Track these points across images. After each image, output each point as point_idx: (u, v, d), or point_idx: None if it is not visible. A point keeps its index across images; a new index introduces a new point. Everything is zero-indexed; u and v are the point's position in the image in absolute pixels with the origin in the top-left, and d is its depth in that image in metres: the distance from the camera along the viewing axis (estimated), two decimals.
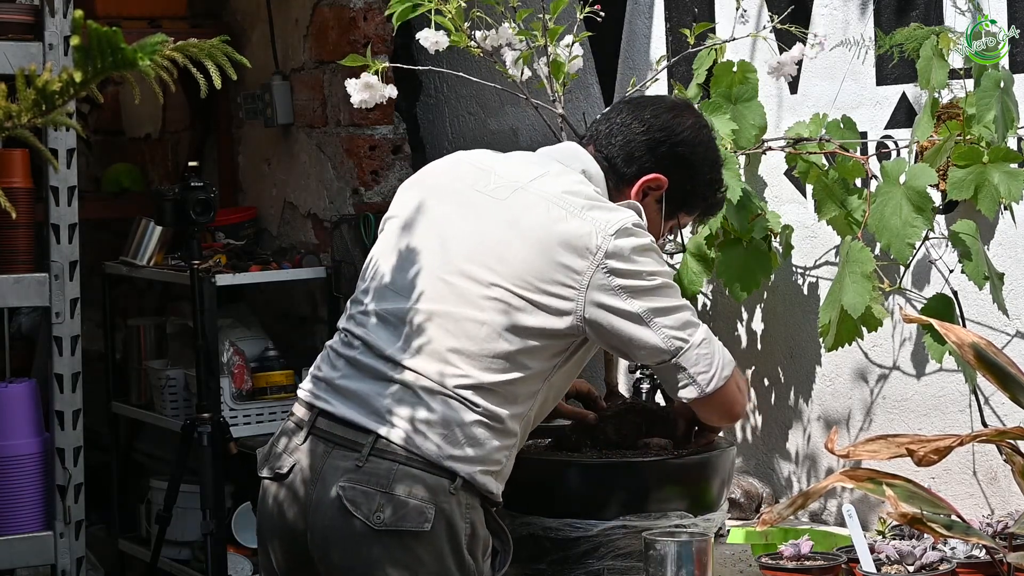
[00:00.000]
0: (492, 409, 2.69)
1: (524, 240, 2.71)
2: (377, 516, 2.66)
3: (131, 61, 1.92)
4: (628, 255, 2.69)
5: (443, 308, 2.72)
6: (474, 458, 2.68)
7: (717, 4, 3.68)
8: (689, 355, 2.74)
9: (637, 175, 2.86)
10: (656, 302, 2.72)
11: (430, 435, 2.67)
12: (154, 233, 5.09)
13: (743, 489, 3.46)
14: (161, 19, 5.30)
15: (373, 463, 2.67)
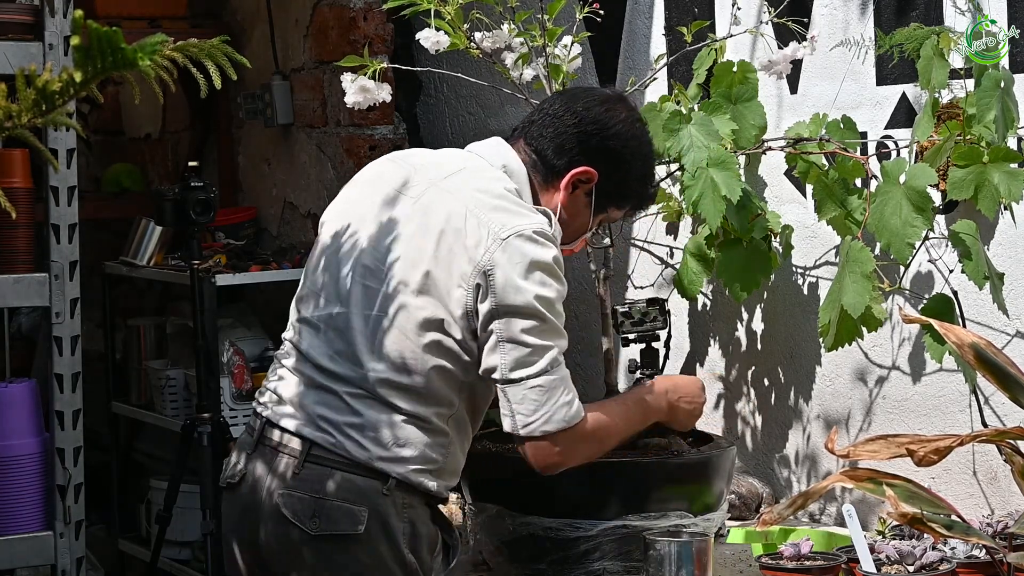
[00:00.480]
0: (415, 409, 2.73)
1: (427, 239, 2.74)
2: (313, 522, 2.71)
3: (131, 61, 1.92)
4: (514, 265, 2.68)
5: (358, 311, 2.76)
6: (405, 458, 2.73)
7: (717, 4, 3.68)
8: (515, 391, 2.72)
9: (567, 167, 2.84)
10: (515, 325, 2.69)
11: (359, 439, 2.72)
12: (154, 233, 5.09)
13: (743, 489, 3.46)
14: (161, 19, 5.30)
15: (308, 470, 2.73)
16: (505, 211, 2.74)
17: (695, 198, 3.24)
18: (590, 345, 4.13)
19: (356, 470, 2.72)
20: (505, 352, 2.70)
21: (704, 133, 3.27)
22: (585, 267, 3.29)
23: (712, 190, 3.22)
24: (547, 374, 2.71)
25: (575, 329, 4.21)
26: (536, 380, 2.70)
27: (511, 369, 2.70)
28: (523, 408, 2.72)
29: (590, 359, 4.14)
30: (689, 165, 3.25)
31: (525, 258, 2.68)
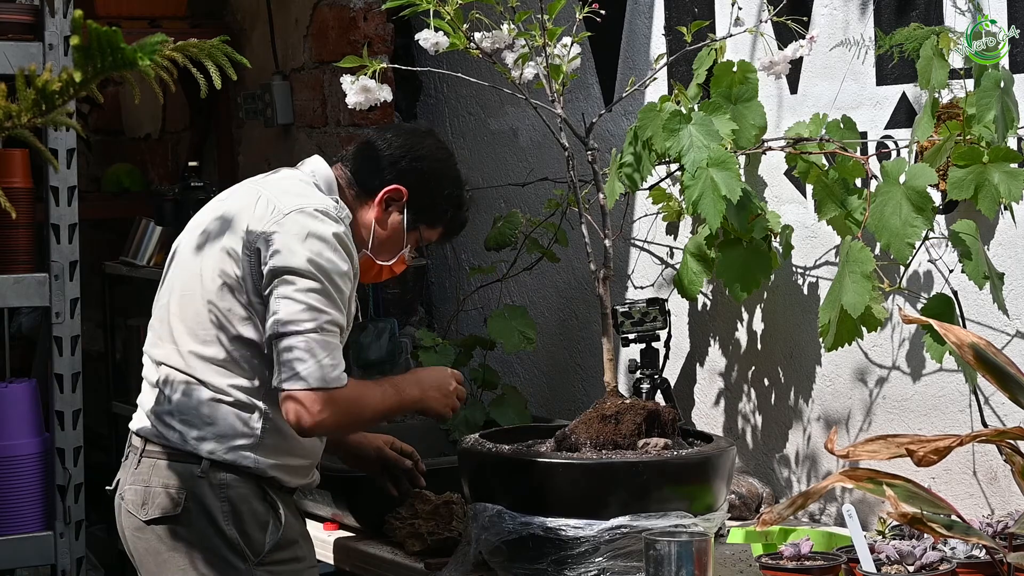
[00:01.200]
0: (220, 383, 2.99)
1: (223, 221, 3.04)
2: (144, 510, 3.04)
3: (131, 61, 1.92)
4: (292, 234, 2.94)
5: (173, 296, 3.08)
6: (216, 436, 3.00)
7: (717, 4, 3.67)
8: (283, 343, 2.91)
9: (380, 187, 3.14)
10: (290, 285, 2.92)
11: (174, 424, 3.02)
12: (154, 233, 5.09)
13: (743, 489, 3.46)
14: (161, 19, 5.30)
15: (143, 463, 3.06)
16: (294, 194, 3.04)
17: (695, 198, 3.24)
18: (590, 345, 4.13)
19: (173, 456, 3.02)
20: (278, 308, 2.92)
21: (704, 133, 3.27)
22: (585, 267, 3.29)
23: (712, 190, 3.22)
24: (315, 333, 2.90)
25: (575, 329, 4.22)
26: (303, 337, 2.90)
27: (282, 324, 2.91)
28: (287, 363, 2.90)
29: (590, 359, 4.14)
30: (689, 165, 3.25)
31: (303, 228, 2.95)
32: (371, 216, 3.14)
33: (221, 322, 2.99)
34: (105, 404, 5.45)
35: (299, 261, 2.93)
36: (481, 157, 4.51)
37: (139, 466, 3.07)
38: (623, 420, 3.06)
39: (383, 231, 3.15)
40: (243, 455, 3.00)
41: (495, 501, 3.00)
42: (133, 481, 3.07)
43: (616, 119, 3.97)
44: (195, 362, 3.01)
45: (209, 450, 3.00)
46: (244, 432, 3.00)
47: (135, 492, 3.06)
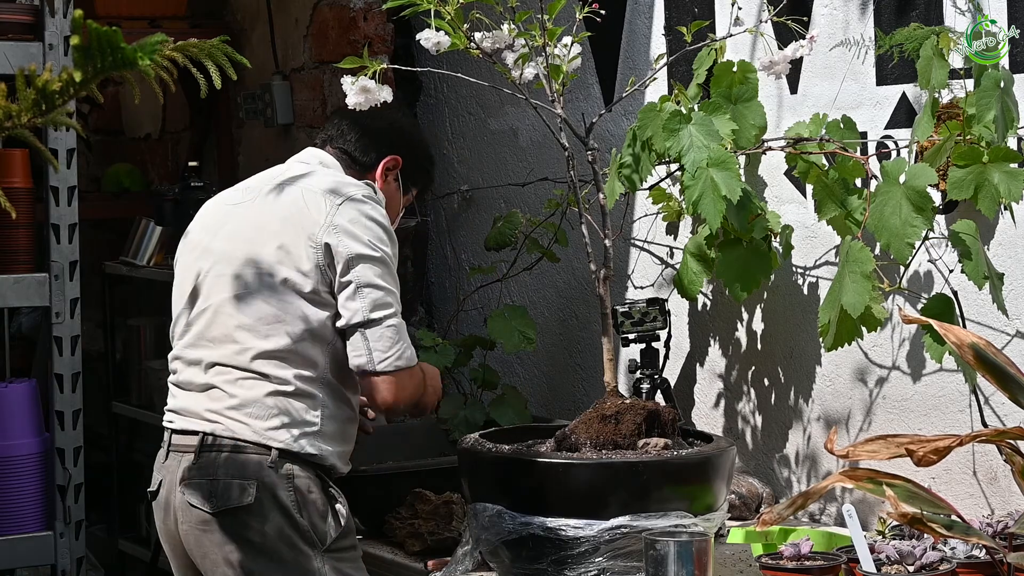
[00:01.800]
0: (282, 374, 3.07)
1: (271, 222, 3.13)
2: (211, 501, 3.05)
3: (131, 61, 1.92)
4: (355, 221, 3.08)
5: (218, 298, 3.14)
6: (283, 426, 3.07)
7: (717, 4, 3.67)
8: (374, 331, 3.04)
9: (377, 160, 3.30)
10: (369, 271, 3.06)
11: (240, 418, 3.07)
12: (154, 233, 5.09)
13: (743, 489, 3.46)
14: (161, 19, 5.30)
15: (204, 458, 3.08)
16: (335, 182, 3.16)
17: (695, 198, 3.24)
18: (590, 345, 4.13)
19: (243, 449, 3.06)
20: (364, 296, 3.05)
21: (704, 133, 3.27)
22: (585, 267, 3.29)
23: (712, 190, 3.22)
24: (399, 316, 3.09)
25: (575, 329, 4.22)
26: (392, 320, 3.07)
27: (371, 310, 3.05)
28: (380, 345, 3.05)
29: (590, 359, 4.14)
30: (689, 165, 3.25)
31: (363, 215, 3.09)
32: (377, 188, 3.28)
33: (284, 317, 3.07)
34: (105, 404, 5.45)
35: (371, 249, 3.07)
36: (481, 157, 4.51)
37: (198, 460, 3.08)
38: (623, 420, 3.06)
39: (387, 199, 3.27)
40: (311, 442, 3.08)
41: (495, 501, 3.00)
42: (194, 476, 3.08)
43: (616, 119, 3.97)
44: (258, 358, 3.08)
45: (280, 440, 3.06)
46: (308, 421, 3.09)
47: (200, 486, 3.07)
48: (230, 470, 3.05)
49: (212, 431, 3.08)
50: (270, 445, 3.05)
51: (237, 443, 3.06)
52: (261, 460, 3.05)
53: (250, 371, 3.08)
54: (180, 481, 3.08)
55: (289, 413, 3.07)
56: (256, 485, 3.03)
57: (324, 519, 3.07)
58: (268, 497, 3.04)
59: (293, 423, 3.07)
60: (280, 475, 3.05)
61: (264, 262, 3.10)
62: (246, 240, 3.14)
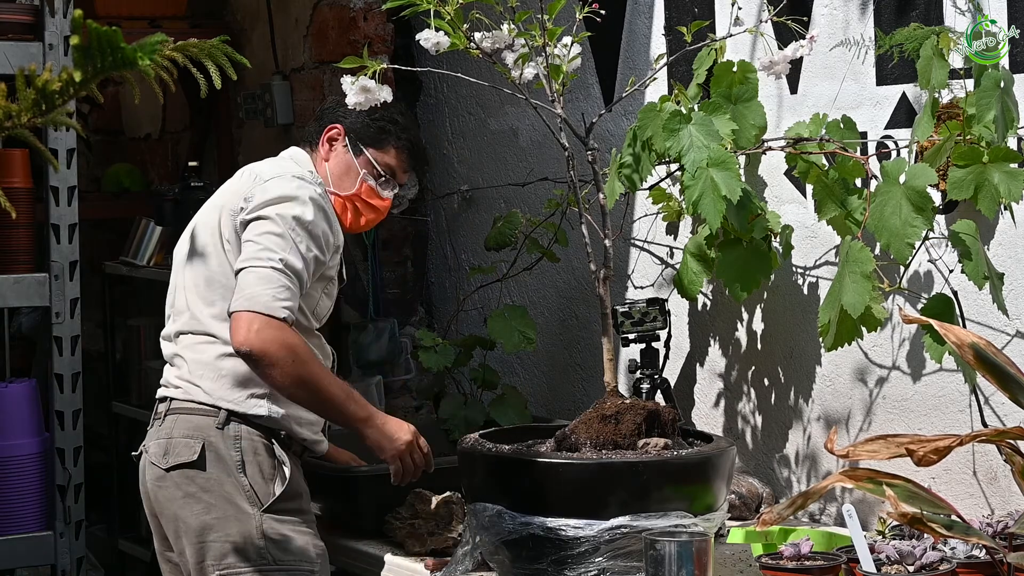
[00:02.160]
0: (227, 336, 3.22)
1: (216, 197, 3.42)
2: (165, 459, 3.28)
3: (131, 61, 1.92)
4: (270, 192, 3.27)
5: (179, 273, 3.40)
6: (233, 387, 3.27)
7: (717, 4, 3.67)
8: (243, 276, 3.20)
9: (319, 135, 3.49)
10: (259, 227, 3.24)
11: (198, 382, 3.29)
12: (154, 233, 5.09)
13: (743, 489, 3.46)
14: (161, 19, 5.30)
15: (166, 421, 3.33)
16: (275, 166, 3.41)
17: (695, 198, 3.24)
18: (590, 345, 4.13)
19: (195, 410, 3.29)
20: (246, 247, 3.24)
21: (704, 133, 3.27)
22: (585, 267, 3.29)
23: (712, 190, 3.22)
24: (273, 270, 3.19)
25: (575, 329, 4.22)
26: (260, 270, 3.19)
27: (245, 260, 3.22)
28: (240, 290, 3.19)
29: (590, 359, 4.14)
30: (689, 165, 3.25)
31: (282, 189, 3.29)
32: (322, 162, 3.48)
33: (222, 280, 3.29)
34: (105, 404, 5.45)
35: (267, 211, 3.25)
36: (481, 157, 4.51)
37: (163, 423, 3.32)
38: (623, 420, 3.06)
39: (334, 164, 3.47)
40: (257, 403, 3.27)
41: (495, 501, 3.00)
42: (157, 436, 3.32)
43: (616, 119, 3.97)
44: (207, 320, 3.30)
45: (229, 400, 3.27)
46: (256, 382, 3.24)
47: (158, 445, 3.30)
48: (183, 430, 3.28)
49: (174, 395, 3.33)
50: (219, 406, 3.26)
51: (193, 405, 3.29)
52: (210, 420, 3.27)
53: (203, 333, 3.31)
54: (148, 441, 3.34)
55: (238, 373, 3.26)
56: (202, 443, 3.25)
57: (270, 481, 3.26)
58: (212, 455, 3.25)
59: (242, 383, 3.27)
60: (226, 435, 3.26)
61: (206, 232, 3.35)
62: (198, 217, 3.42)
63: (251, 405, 3.28)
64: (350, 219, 3.48)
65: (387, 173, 3.50)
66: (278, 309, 3.17)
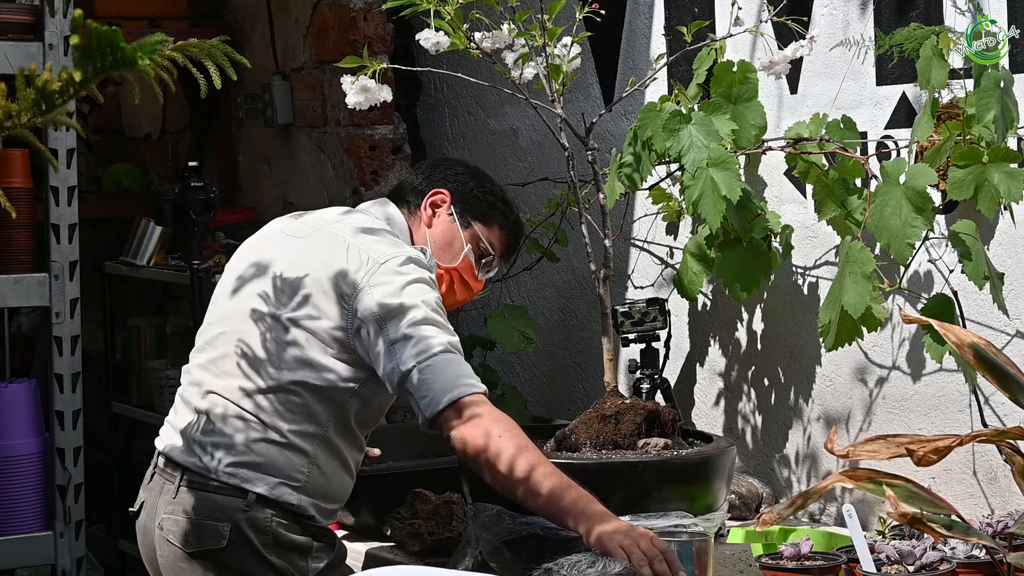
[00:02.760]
0: (275, 423, 2.97)
1: (309, 265, 3.00)
2: (185, 540, 2.99)
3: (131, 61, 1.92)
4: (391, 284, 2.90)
5: (232, 329, 3.03)
6: (263, 475, 2.98)
7: (717, 4, 3.67)
8: (418, 376, 2.83)
9: (421, 199, 3.19)
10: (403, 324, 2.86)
11: (221, 457, 2.98)
12: (154, 233, 5.09)
13: (743, 489, 3.46)
14: (161, 19, 5.30)
15: (183, 493, 3.01)
16: (382, 243, 3.01)
17: (695, 198, 3.24)
18: (590, 345, 4.13)
19: (219, 489, 2.98)
20: (399, 349, 2.85)
21: (704, 133, 3.27)
22: (585, 267, 3.29)
23: (712, 190, 3.22)
24: (445, 353, 2.84)
25: (575, 329, 4.22)
26: (435, 359, 2.83)
27: (410, 358, 2.84)
28: (428, 387, 2.82)
29: (590, 359, 4.14)
30: (689, 165, 3.25)
31: (402, 277, 2.92)
32: (423, 228, 3.17)
33: (295, 367, 2.96)
34: (105, 404, 5.45)
35: (407, 302, 2.89)
36: (481, 157, 4.51)
37: (178, 495, 3.01)
38: (623, 420, 3.06)
39: (439, 236, 3.17)
40: (289, 494, 2.99)
41: (495, 501, 3.00)
42: (173, 511, 3.01)
43: (616, 119, 3.97)
44: (255, 400, 2.98)
45: (258, 488, 2.97)
46: (293, 476, 2.99)
47: (177, 523, 3.00)
48: (207, 510, 2.99)
49: (194, 467, 3.01)
50: (247, 489, 2.97)
51: (216, 483, 2.99)
52: (237, 503, 2.98)
53: (244, 411, 2.99)
54: (161, 511, 3.03)
55: (275, 464, 2.98)
56: (230, 528, 2.97)
57: (305, 556, 3.03)
58: (240, 539, 2.97)
59: (276, 474, 2.98)
60: (254, 518, 2.98)
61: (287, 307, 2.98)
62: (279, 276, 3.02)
63: (281, 494, 2.99)
64: (443, 292, 3.13)
65: (490, 252, 3.22)
66: (479, 387, 2.85)
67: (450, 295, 3.18)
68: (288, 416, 2.97)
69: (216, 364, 3.04)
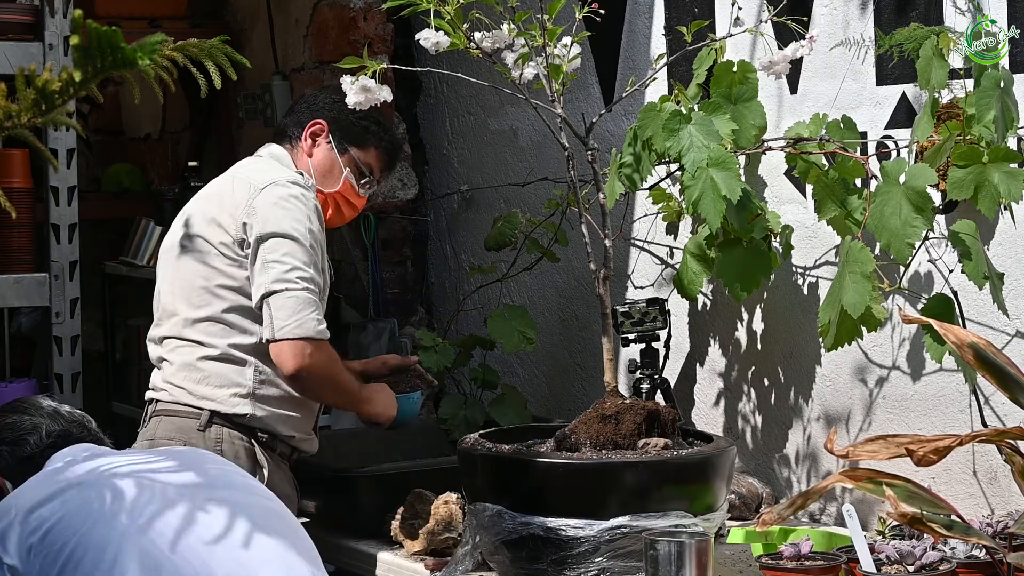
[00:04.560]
0: (215, 343, 3.36)
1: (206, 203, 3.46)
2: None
3: (131, 61, 1.92)
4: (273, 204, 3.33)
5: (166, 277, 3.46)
6: (217, 386, 3.35)
7: (717, 4, 3.67)
8: (276, 299, 3.29)
9: (300, 131, 3.56)
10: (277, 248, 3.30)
11: (181, 384, 3.38)
12: (154, 233, 5.09)
13: (743, 489, 3.46)
14: (161, 19, 5.30)
15: (151, 423, 3.40)
16: (262, 171, 3.45)
17: (695, 198, 3.24)
18: (590, 345, 4.13)
19: (178, 412, 3.36)
20: (268, 270, 3.30)
21: (704, 133, 3.27)
22: (585, 267, 3.29)
23: (712, 190, 3.22)
24: (304, 291, 3.29)
25: (575, 329, 4.22)
26: (294, 293, 3.28)
27: (272, 282, 3.29)
28: (281, 314, 3.28)
29: (590, 359, 4.14)
30: (689, 165, 3.25)
31: (282, 198, 3.34)
32: (305, 157, 3.54)
33: (212, 288, 3.37)
34: (105, 404, 5.45)
35: (283, 227, 3.31)
36: (481, 157, 4.51)
37: (147, 424, 3.41)
38: (623, 420, 3.06)
39: (320, 163, 3.54)
40: (239, 402, 3.35)
41: (495, 501, 3.01)
42: (141, 438, 3.40)
43: (616, 119, 3.97)
44: (193, 327, 3.38)
45: (213, 399, 3.35)
46: (238, 383, 3.36)
47: (142, 446, 3.33)
48: (166, 431, 3.36)
49: (159, 398, 3.41)
50: (202, 407, 3.34)
51: (177, 407, 3.37)
52: (192, 423, 3.34)
53: (185, 339, 3.39)
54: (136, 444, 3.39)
55: (220, 375, 3.35)
56: (182, 444, 3.26)
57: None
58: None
59: (224, 384, 3.36)
60: (207, 437, 3.33)
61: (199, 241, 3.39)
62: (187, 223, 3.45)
63: (233, 404, 3.35)
64: (330, 215, 3.56)
65: (368, 173, 3.58)
66: (324, 332, 3.31)
67: (338, 213, 3.58)
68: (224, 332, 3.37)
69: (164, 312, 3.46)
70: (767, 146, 3.47)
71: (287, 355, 3.29)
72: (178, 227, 3.50)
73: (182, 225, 3.49)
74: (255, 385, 3.37)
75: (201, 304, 3.39)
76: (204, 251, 3.40)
